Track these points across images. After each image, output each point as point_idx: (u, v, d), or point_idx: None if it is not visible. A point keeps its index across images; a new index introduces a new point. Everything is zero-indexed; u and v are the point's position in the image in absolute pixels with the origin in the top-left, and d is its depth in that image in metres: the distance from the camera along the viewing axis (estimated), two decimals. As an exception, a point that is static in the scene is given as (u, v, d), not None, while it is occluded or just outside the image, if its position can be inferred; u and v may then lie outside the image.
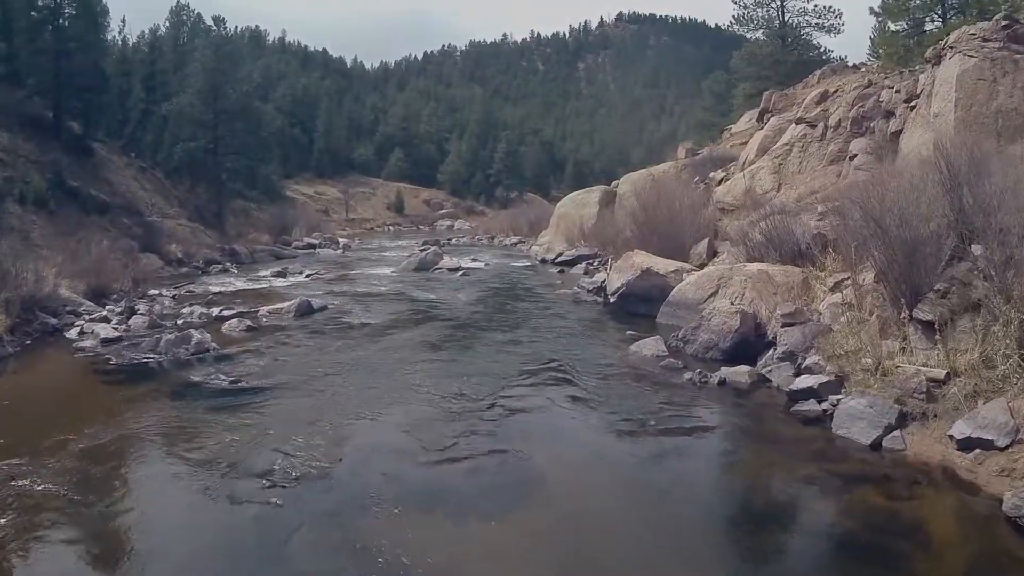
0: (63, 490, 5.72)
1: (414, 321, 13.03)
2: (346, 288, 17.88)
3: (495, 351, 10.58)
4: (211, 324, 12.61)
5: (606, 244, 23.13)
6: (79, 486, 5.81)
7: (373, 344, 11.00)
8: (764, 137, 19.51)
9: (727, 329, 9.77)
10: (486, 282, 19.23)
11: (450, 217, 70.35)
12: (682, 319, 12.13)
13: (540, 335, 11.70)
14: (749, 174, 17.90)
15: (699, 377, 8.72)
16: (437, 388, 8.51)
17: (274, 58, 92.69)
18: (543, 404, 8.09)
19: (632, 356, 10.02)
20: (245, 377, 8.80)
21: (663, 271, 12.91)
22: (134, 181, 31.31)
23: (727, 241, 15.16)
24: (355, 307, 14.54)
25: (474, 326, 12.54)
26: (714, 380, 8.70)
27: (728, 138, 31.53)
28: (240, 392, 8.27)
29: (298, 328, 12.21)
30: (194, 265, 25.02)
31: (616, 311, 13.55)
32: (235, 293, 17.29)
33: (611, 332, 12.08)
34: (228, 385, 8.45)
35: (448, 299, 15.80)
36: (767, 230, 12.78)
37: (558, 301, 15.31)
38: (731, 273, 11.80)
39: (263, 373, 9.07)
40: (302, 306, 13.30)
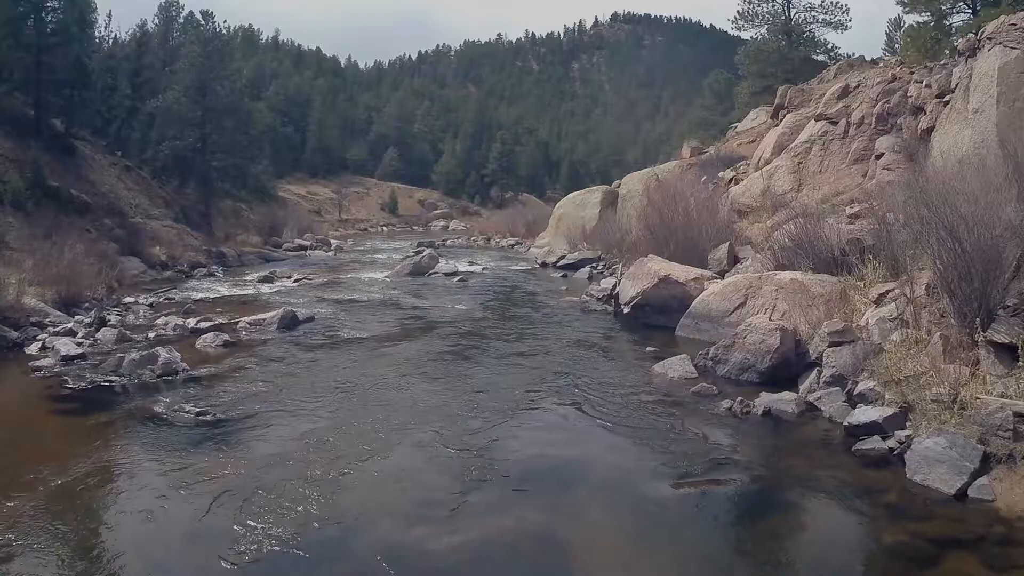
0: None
1: (409, 335, 11.84)
2: (335, 295, 16.69)
3: (500, 373, 9.40)
4: (185, 338, 11.43)
5: (611, 247, 22.03)
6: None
7: (362, 364, 9.82)
8: (781, 135, 18.43)
9: (765, 348, 8.64)
10: (485, 288, 18.08)
11: (445, 218, 69.18)
12: (705, 332, 11.02)
13: (549, 352, 10.54)
14: (766, 174, 16.81)
15: (740, 407, 7.58)
16: (436, 422, 7.35)
17: (267, 57, 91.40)
18: (562, 443, 6.95)
19: (657, 378, 8.88)
20: (214, 408, 7.59)
21: (683, 279, 11.78)
22: (118, 181, 30.06)
23: (748, 245, 14.06)
24: (344, 318, 13.36)
25: (475, 342, 11.33)
26: (757, 410, 7.57)
27: (733, 136, 30.45)
28: (206, 428, 7.05)
29: (280, 343, 11.02)
30: (178, 269, 23.84)
31: (630, 323, 12.41)
32: (216, 301, 16.09)
33: (628, 348, 10.94)
34: (192, 419, 7.24)
35: (445, 308, 14.63)
36: (796, 234, 11.67)
37: (565, 311, 14.15)
38: (760, 282, 10.69)
39: (235, 402, 7.86)
40: (285, 317, 12.12)
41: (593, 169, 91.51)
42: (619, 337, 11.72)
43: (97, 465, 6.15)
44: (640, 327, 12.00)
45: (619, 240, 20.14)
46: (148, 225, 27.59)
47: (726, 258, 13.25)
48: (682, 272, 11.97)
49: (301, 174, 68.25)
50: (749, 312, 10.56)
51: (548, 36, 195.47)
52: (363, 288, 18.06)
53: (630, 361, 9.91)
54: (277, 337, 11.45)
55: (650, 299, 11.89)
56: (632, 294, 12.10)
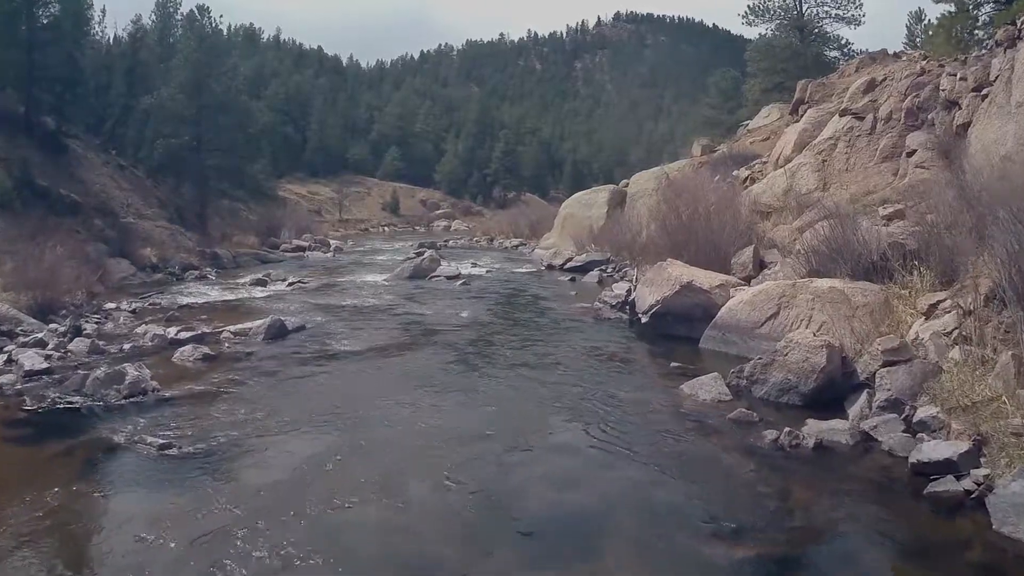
0: None
1: (408, 347, 10.82)
2: (331, 300, 15.70)
3: (509, 393, 8.38)
4: (163, 350, 10.47)
5: (621, 249, 21.07)
6: None
7: (355, 383, 8.81)
8: (802, 131, 17.44)
9: (810, 368, 7.65)
10: (489, 293, 17.08)
11: (447, 218, 68.22)
12: (733, 345, 10.04)
13: (563, 367, 9.53)
14: (789, 172, 15.82)
15: (788, 439, 6.59)
16: (440, 455, 6.37)
17: (267, 55, 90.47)
18: (586, 482, 5.94)
19: (687, 401, 7.88)
20: (182, 438, 6.59)
21: (707, 286, 10.78)
22: (110, 180, 29.15)
23: (773, 249, 13.07)
24: (338, 327, 12.34)
25: (481, 355, 10.32)
26: (808, 442, 6.58)
27: (745, 134, 29.45)
28: (169, 464, 6.04)
29: (266, 357, 10.03)
30: (169, 271, 22.91)
31: (648, 333, 11.40)
32: (204, 306, 15.14)
33: (650, 363, 9.93)
34: (155, 452, 6.25)
35: (447, 315, 13.62)
36: (830, 237, 10.68)
37: (576, 318, 13.12)
38: (794, 291, 9.71)
39: (206, 431, 6.85)
40: (273, 327, 11.14)
41: (596, 169, 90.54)
42: (638, 350, 10.71)
43: (37, 512, 5.17)
44: (660, 338, 11.00)
45: (630, 242, 19.16)
46: (140, 225, 26.68)
47: (751, 262, 12.25)
48: (705, 278, 10.98)
49: (301, 174, 67.33)
50: (783, 324, 9.58)
51: (551, 36, 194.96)
52: (360, 293, 17.08)
53: (653, 379, 8.91)
54: (263, 349, 10.46)
55: (671, 307, 10.90)
56: (651, 302, 11.10)
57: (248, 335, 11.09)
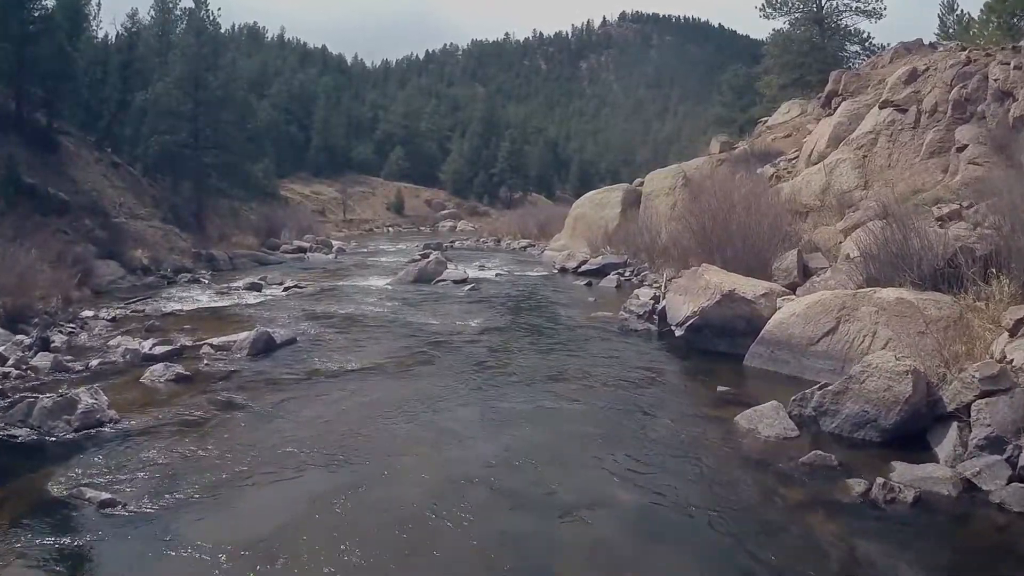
0: None
1: (411, 365, 9.49)
2: (328, 308, 14.43)
3: (531, 428, 7.05)
4: (135, 367, 9.25)
5: (638, 251, 19.81)
6: None
7: (350, 412, 7.47)
8: (837, 125, 16.15)
9: (892, 398, 6.39)
10: (500, 299, 15.79)
11: (452, 218, 66.96)
12: (784, 364, 8.77)
13: (592, 392, 8.21)
14: (826, 168, 14.53)
15: (883, 492, 5.32)
16: (453, 510, 5.14)
17: (271, 54, 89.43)
18: (639, 556, 4.70)
19: (746, 438, 6.59)
20: (132, 491, 5.30)
21: (750, 295, 9.50)
22: (103, 178, 27.98)
23: (816, 252, 11.79)
24: (333, 340, 11.05)
25: (494, 377, 8.98)
26: (905, 495, 5.31)
27: (765, 131, 28.17)
28: (109, 528, 4.81)
29: (248, 377, 8.76)
30: (161, 274, 21.72)
31: (684, 348, 10.11)
32: (190, 314, 13.90)
33: (692, 387, 8.62)
34: (94, 511, 5.00)
35: (455, 326, 12.31)
36: (888, 240, 9.40)
37: (600, 330, 11.77)
38: (855, 302, 8.44)
39: (164, 480, 5.58)
40: (259, 341, 9.88)
41: (603, 169, 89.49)
42: (675, 369, 9.39)
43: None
44: (697, 354, 9.72)
45: (649, 244, 17.91)
46: (132, 226, 25.51)
47: (796, 268, 10.98)
48: (748, 286, 9.69)
49: (305, 173, 66.23)
50: (842, 340, 8.32)
51: (556, 35, 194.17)
52: (360, 299, 15.80)
53: (700, 407, 7.59)
54: (246, 367, 9.19)
55: (710, 319, 9.62)
56: (686, 313, 9.82)
57: (231, 350, 9.85)
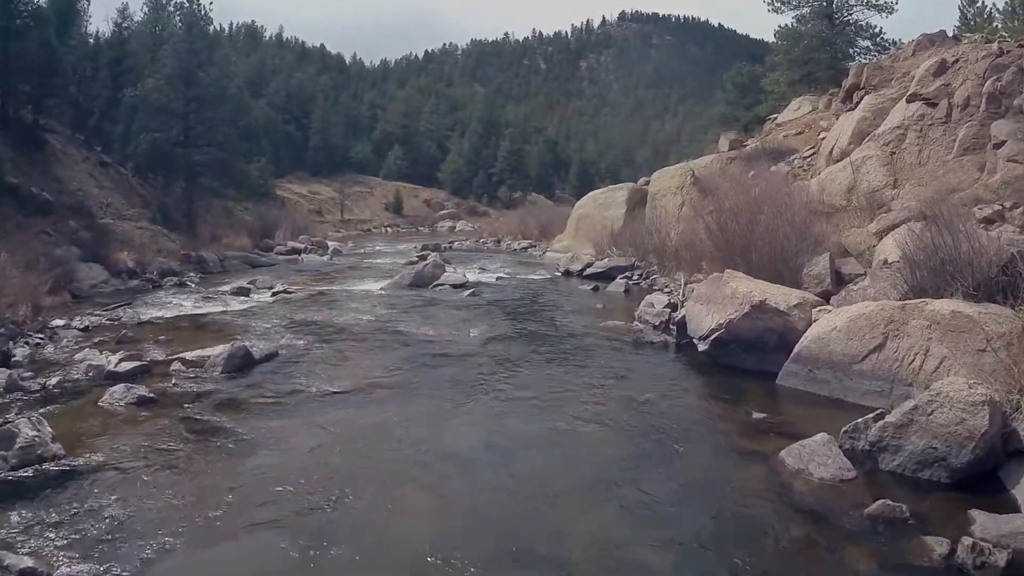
0: None
1: (404, 385, 8.40)
2: (316, 315, 13.39)
3: (538, 462, 6.05)
4: (97, 386, 8.27)
5: (646, 254, 18.85)
6: None
7: (332, 444, 6.36)
8: (860, 120, 15.18)
9: (966, 432, 5.42)
10: (501, 306, 14.77)
11: (451, 218, 65.98)
12: (824, 385, 7.80)
13: (609, 420, 7.13)
14: (852, 166, 13.56)
15: (971, 555, 4.36)
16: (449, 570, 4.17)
17: (269, 53, 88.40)
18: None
19: (797, 480, 5.57)
20: (63, 556, 4.39)
21: (783, 306, 8.51)
22: (90, 178, 27.03)
23: (848, 257, 10.83)
24: (318, 354, 9.97)
25: (497, 397, 7.91)
26: (997, 557, 4.36)
27: (775, 128, 27.22)
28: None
29: (218, 400, 7.72)
30: (146, 277, 20.73)
31: (707, 364, 9.08)
32: (168, 323, 12.90)
33: (723, 412, 7.49)
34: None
35: (453, 337, 11.22)
36: (935, 244, 8.44)
37: (611, 342, 10.69)
38: (904, 315, 7.48)
39: (104, 536, 4.60)
40: (234, 357, 8.87)
41: (603, 169, 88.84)
42: (701, 391, 8.33)
43: None
44: (723, 371, 8.72)
45: (659, 246, 16.92)
46: (118, 227, 24.56)
47: (828, 274, 10.00)
48: (780, 296, 8.71)
49: (302, 173, 65.31)
50: (891, 358, 7.35)
51: (555, 35, 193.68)
52: (352, 305, 14.75)
53: (735, 438, 6.55)
54: (218, 388, 8.19)
55: (738, 333, 8.62)
56: (710, 325, 8.82)
57: (204, 366, 8.86)
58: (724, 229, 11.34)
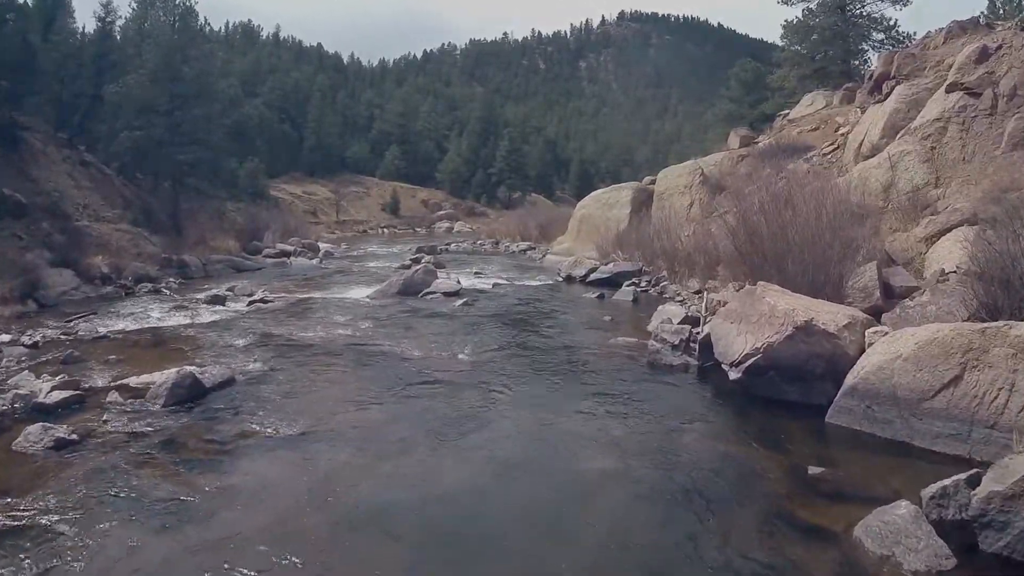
0: None
1: (373, 426, 6.96)
2: (290, 330, 11.92)
3: (536, 547, 4.81)
4: (18, 422, 6.92)
5: (654, 258, 17.51)
6: None
7: (290, 509, 5.12)
8: (893, 112, 13.85)
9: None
10: (497, 318, 13.34)
11: (449, 219, 64.63)
12: (886, 425, 6.46)
13: (623, 478, 5.69)
14: (889, 162, 12.22)
15: None
16: None
17: (265, 51, 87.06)
18: None
19: (881, 570, 4.30)
20: None
21: (832, 327, 7.16)
22: (68, 178, 25.69)
23: (896, 266, 9.49)
24: (283, 381, 8.50)
25: (486, 442, 6.49)
26: None
27: (786, 125, 25.90)
28: None
29: (153, 443, 6.30)
30: (120, 283, 19.35)
31: (739, 395, 7.68)
32: (126, 338, 11.52)
33: (766, 461, 6.06)
34: None
35: (439, 359, 9.70)
36: (1012, 255, 7.12)
37: (624, 364, 9.23)
38: (984, 341, 6.14)
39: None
40: (180, 386, 7.46)
41: (603, 168, 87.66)
42: (736, 433, 6.85)
43: None
44: (759, 405, 7.34)
45: (670, 250, 15.57)
46: (96, 229, 23.22)
47: (877, 287, 8.64)
48: (826, 314, 7.33)
49: (298, 173, 64.08)
50: (969, 395, 6.03)
51: (555, 35, 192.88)
52: (332, 317, 13.32)
53: (788, 505, 5.06)
54: (155, 426, 6.80)
55: (779, 359, 7.24)
56: (745, 349, 7.44)
57: (146, 397, 7.50)
58: (752, 232, 9.99)
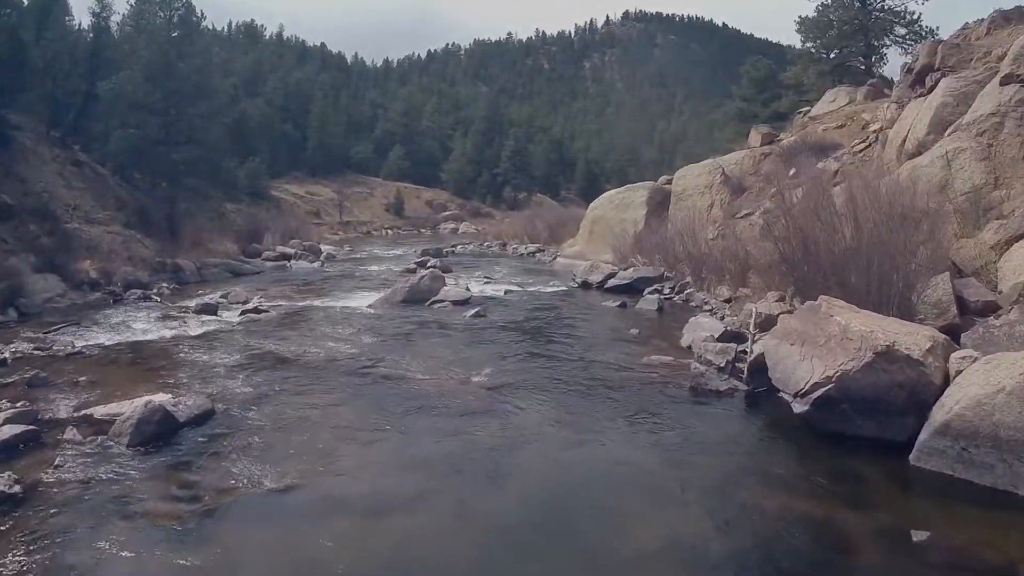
0: None
1: (381, 471, 5.83)
2: (283, 346, 10.71)
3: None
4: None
5: (676, 263, 16.41)
6: None
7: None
8: (940, 106, 12.73)
9: None
10: (513, 331, 12.10)
11: (454, 220, 63.59)
12: (987, 471, 5.36)
13: (683, 542, 4.73)
14: (943, 160, 11.10)
15: None
16: None
17: (267, 51, 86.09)
18: None
19: None
20: None
21: (916, 353, 6.06)
22: (58, 177, 24.69)
23: (968, 277, 8.38)
24: (268, 414, 7.26)
25: (513, 501, 5.39)
26: None
27: (805, 122, 24.78)
28: None
29: (107, 499, 5.13)
30: (109, 289, 18.28)
31: (803, 429, 6.52)
32: (104, 354, 10.40)
33: (859, 526, 4.91)
34: None
35: (452, 383, 8.46)
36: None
37: (661, 389, 8.03)
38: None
39: None
40: (146, 423, 6.29)
41: (608, 168, 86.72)
42: (810, 480, 5.65)
43: None
44: (828, 442, 6.18)
45: (694, 255, 14.46)
46: (86, 232, 22.20)
47: (951, 302, 7.53)
48: (906, 336, 6.20)
49: (300, 173, 63.07)
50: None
51: (559, 35, 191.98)
52: (331, 330, 12.08)
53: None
54: (116, 473, 5.67)
55: (855, 390, 6.11)
56: (813, 378, 6.30)
57: (109, 433, 6.41)
58: (805, 238, 8.84)
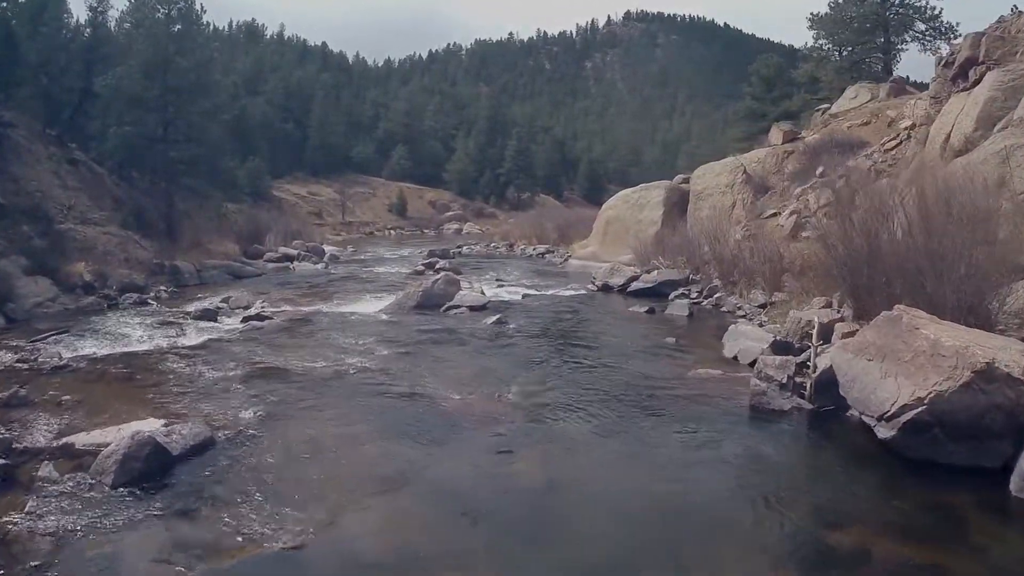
0: None
1: (409, 519, 4.98)
2: (292, 359, 9.75)
3: None
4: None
5: (702, 265, 15.59)
6: None
7: None
8: (988, 100, 11.92)
9: None
10: (539, 341, 11.04)
11: (458, 220, 62.79)
12: None
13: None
14: (1000, 156, 10.28)
15: None
16: None
17: (268, 50, 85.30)
18: None
19: None
20: None
21: (1017, 371, 5.24)
22: (53, 176, 23.82)
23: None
24: (279, 442, 6.30)
25: (571, 536, 4.69)
26: None
27: (827, 120, 24.00)
28: None
29: (88, 552, 4.35)
30: (104, 293, 17.42)
31: (885, 455, 5.75)
32: (90, 368, 9.51)
33: (963, 572, 4.25)
34: None
35: (481, 402, 7.53)
36: None
37: (718, 409, 7.22)
38: None
39: None
40: (135, 458, 5.33)
41: (611, 169, 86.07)
42: (902, 517, 4.80)
43: None
44: (913, 469, 5.36)
45: (729, 257, 13.62)
46: (81, 232, 21.32)
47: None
48: (1000, 351, 5.35)
49: (302, 173, 62.30)
50: None
51: (560, 35, 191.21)
52: (341, 340, 11.10)
53: None
54: (96, 523, 4.68)
55: (950, 413, 5.26)
56: (900, 400, 5.46)
57: (90, 471, 5.52)
58: (872, 240, 7.97)
